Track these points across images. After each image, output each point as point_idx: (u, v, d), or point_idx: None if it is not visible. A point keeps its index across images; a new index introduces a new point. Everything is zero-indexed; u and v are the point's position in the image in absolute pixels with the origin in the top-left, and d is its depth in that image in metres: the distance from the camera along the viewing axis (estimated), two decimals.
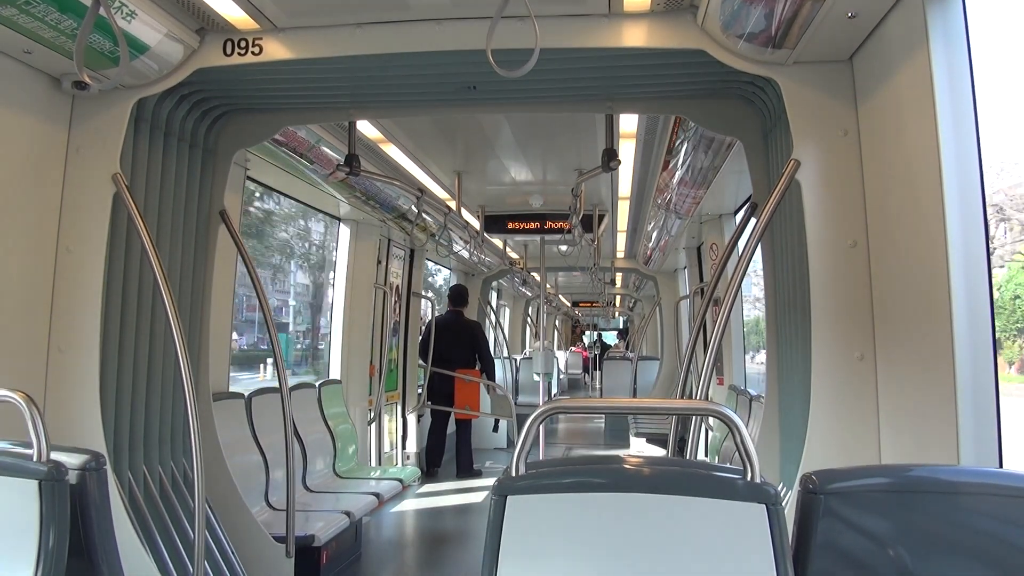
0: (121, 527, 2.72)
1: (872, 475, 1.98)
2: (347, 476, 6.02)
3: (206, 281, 3.89)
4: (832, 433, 2.77)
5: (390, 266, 7.65)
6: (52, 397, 3.13)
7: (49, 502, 2.04)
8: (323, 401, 6.13)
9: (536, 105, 3.91)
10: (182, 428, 3.70)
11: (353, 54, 3.14)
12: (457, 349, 8.50)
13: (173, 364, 3.54)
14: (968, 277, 2.23)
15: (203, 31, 3.18)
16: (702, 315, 4.19)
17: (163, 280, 3.06)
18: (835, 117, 2.85)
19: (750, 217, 3.59)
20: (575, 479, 1.89)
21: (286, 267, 8.33)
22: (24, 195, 3.07)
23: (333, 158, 4.72)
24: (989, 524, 1.84)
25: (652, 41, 3.01)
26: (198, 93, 3.55)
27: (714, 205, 6.24)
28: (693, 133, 4.34)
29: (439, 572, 5.29)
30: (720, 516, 1.76)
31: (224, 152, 3.90)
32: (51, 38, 2.74)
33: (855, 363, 2.76)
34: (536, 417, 1.86)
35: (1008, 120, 3.08)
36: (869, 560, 1.83)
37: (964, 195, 2.26)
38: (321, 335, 7.83)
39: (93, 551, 2.15)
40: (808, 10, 2.47)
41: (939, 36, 2.27)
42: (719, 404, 1.91)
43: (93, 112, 3.21)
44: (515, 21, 2.57)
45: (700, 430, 4.55)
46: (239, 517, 3.87)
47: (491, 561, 1.81)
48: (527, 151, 5.73)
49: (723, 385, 6.61)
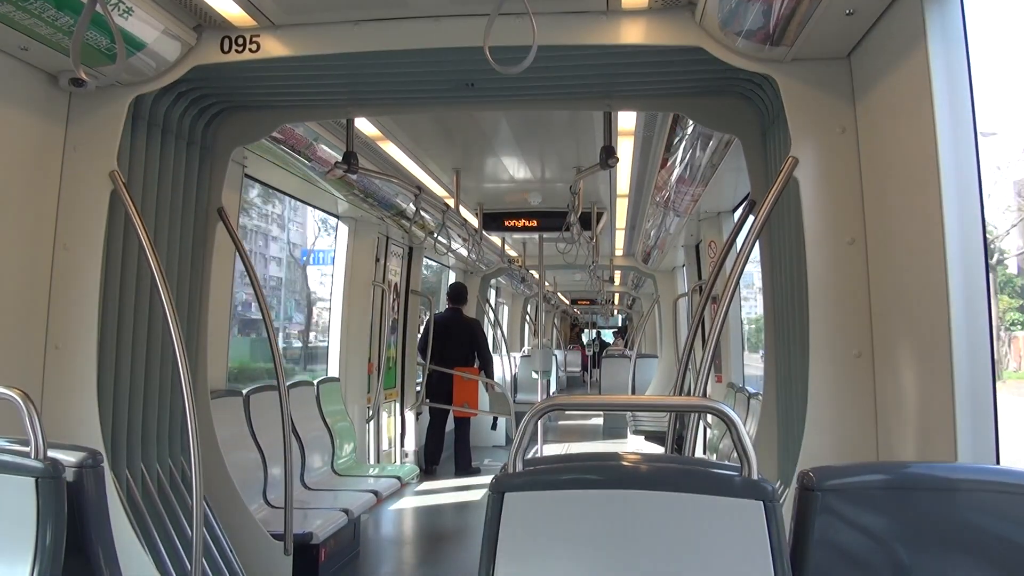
0: (118, 525, 2.72)
1: (869, 472, 1.98)
2: (345, 474, 6.03)
3: (204, 279, 3.88)
4: (830, 430, 2.77)
5: (388, 264, 7.65)
6: (49, 394, 3.13)
7: (46, 499, 2.03)
8: (321, 399, 6.13)
9: (534, 102, 3.90)
10: (180, 426, 3.70)
11: (351, 51, 3.13)
12: (456, 347, 8.51)
13: (171, 362, 3.53)
14: (966, 274, 2.24)
15: (200, 28, 3.17)
16: (700, 312, 4.19)
17: (161, 278, 3.05)
18: (833, 114, 2.85)
19: (748, 214, 3.59)
20: (572, 476, 1.90)
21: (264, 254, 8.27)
22: (21, 192, 3.06)
23: (331, 155, 4.71)
24: (986, 520, 1.84)
25: (650, 38, 3.00)
26: (196, 90, 3.54)
27: (712, 203, 6.24)
28: (691, 131, 4.33)
29: (437, 569, 5.30)
30: (717, 513, 1.77)
31: (222, 149, 3.90)
32: (48, 35, 2.74)
33: (853, 360, 2.76)
34: (533, 414, 1.86)
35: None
36: (866, 556, 1.83)
37: (962, 192, 2.25)
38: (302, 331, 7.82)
39: (90, 548, 2.15)
40: (806, 7, 2.46)
41: (937, 33, 2.26)
42: (716, 401, 1.91)
43: (90, 109, 3.20)
44: (513, 18, 2.56)
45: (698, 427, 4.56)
46: (237, 515, 3.87)
47: (488, 558, 1.81)
48: (525, 149, 5.73)
49: (721, 383, 6.61)
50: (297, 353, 11.58)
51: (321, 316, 12.30)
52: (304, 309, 13.49)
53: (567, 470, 1.95)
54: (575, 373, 22.13)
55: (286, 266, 13.52)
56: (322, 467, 5.87)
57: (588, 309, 25.88)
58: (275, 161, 4.64)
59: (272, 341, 4.06)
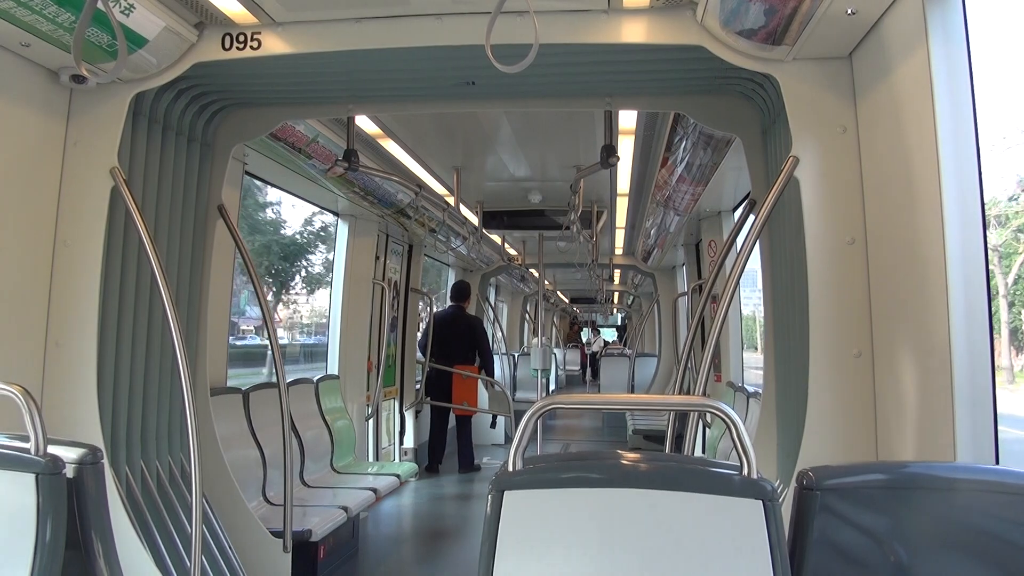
0: (118, 521, 2.72)
1: (868, 471, 1.99)
2: (345, 472, 6.03)
3: (204, 276, 3.88)
4: (829, 430, 2.77)
5: (388, 262, 7.65)
6: (49, 391, 3.13)
7: (46, 495, 2.04)
8: (321, 397, 6.14)
9: (535, 101, 3.90)
10: (180, 423, 3.70)
11: (352, 49, 3.13)
12: (457, 344, 8.52)
13: (171, 359, 3.53)
14: (966, 274, 2.24)
15: (202, 25, 3.17)
16: (700, 312, 4.19)
17: (161, 275, 3.06)
18: (834, 114, 2.85)
19: (748, 214, 3.59)
20: (572, 474, 1.90)
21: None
22: (21, 189, 3.06)
23: (332, 153, 4.71)
24: (985, 521, 1.84)
25: (651, 37, 3.00)
26: (196, 87, 3.54)
27: (713, 202, 6.25)
28: (692, 130, 4.33)
29: (436, 567, 5.30)
30: (717, 512, 1.77)
31: (222, 147, 3.90)
32: (49, 31, 2.73)
33: (853, 360, 2.76)
34: (532, 413, 1.86)
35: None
36: (865, 556, 1.83)
37: (962, 193, 2.26)
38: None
39: (90, 545, 2.16)
40: (808, 7, 2.46)
41: (938, 33, 2.27)
42: (715, 400, 1.91)
43: (91, 106, 3.20)
44: (514, 16, 2.57)
45: (697, 426, 4.56)
46: (236, 512, 3.87)
47: (488, 556, 1.81)
48: (526, 147, 5.73)
49: (721, 382, 6.62)
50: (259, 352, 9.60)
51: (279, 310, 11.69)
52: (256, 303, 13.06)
53: (567, 468, 1.95)
54: (574, 372, 22.15)
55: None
56: (321, 465, 5.88)
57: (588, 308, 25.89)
58: (275, 159, 4.63)
59: (272, 339, 4.06)
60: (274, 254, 10.37)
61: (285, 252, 10.68)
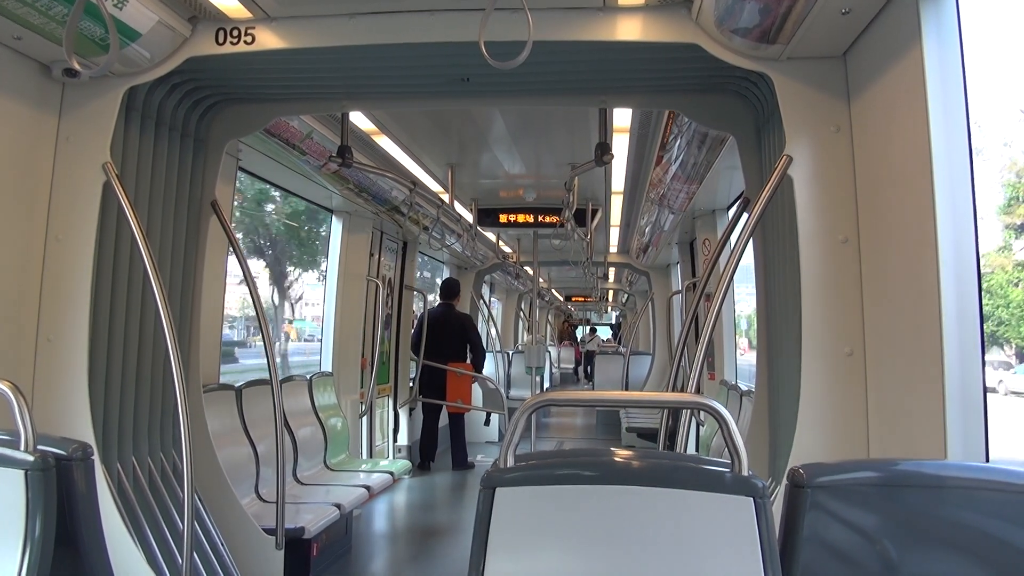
0: (109, 518, 2.71)
1: (859, 469, 1.99)
2: (338, 469, 6.02)
3: (197, 272, 3.87)
4: (821, 428, 2.78)
5: (383, 259, 7.64)
6: (40, 387, 3.11)
7: (35, 492, 2.03)
8: (314, 394, 6.12)
9: (529, 98, 3.90)
10: (172, 419, 3.68)
11: (346, 44, 3.12)
12: (448, 342, 8.52)
13: (163, 355, 3.52)
14: (958, 273, 2.25)
15: (195, 19, 3.15)
16: (694, 310, 4.20)
17: (153, 270, 3.04)
18: (828, 113, 2.85)
19: (742, 212, 3.60)
20: (563, 471, 1.90)
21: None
22: (13, 183, 3.04)
23: (326, 149, 4.70)
24: (975, 518, 1.85)
25: (646, 35, 3.00)
26: (190, 82, 3.53)
27: (707, 200, 6.25)
28: (687, 128, 4.34)
29: (428, 564, 5.30)
30: (708, 509, 1.77)
31: (216, 142, 3.88)
32: (41, 24, 2.72)
33: (844, 358, 2.77)
34: (525, 409, 1.86)
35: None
36: (855, 553, 1.84)
37: (955, 192, 2.26)
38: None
39: (80, 541, 2.15)
40: (802, 6, 2.47)
41: (932, 33, 2.27)
42: (708, 397, 1.92)
43: (83, 100, 3.18)
44: (509, 13, 2.56)
45: (690, 424, 4.57)
46: (229, 509, 3.86)
47: (479, 553, 1.81)
48: (520, 144, 5.72)
49: (714, 380, 6.63)
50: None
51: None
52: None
53: (558, 466, 1.95)
54: (568, 370, 22.18)
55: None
56: (314, 462, 5.87)
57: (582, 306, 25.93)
58: (269, 154, 4.62)
59: (265, 336, 4.05)
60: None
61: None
